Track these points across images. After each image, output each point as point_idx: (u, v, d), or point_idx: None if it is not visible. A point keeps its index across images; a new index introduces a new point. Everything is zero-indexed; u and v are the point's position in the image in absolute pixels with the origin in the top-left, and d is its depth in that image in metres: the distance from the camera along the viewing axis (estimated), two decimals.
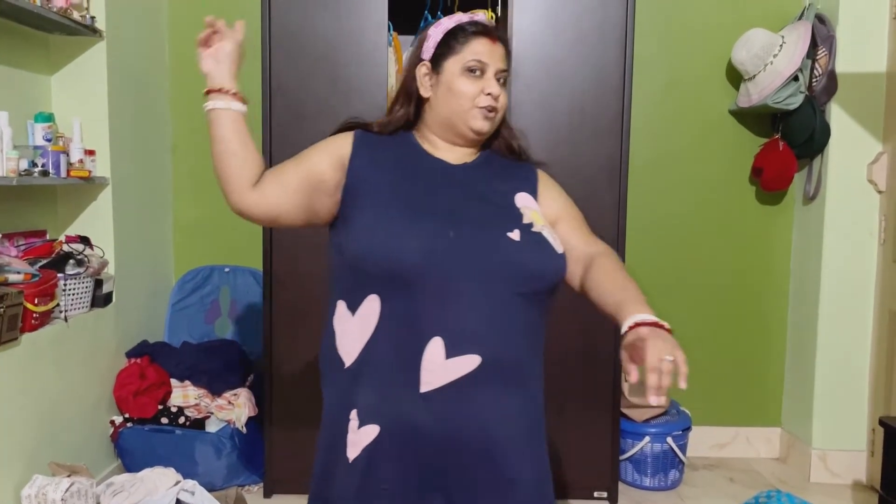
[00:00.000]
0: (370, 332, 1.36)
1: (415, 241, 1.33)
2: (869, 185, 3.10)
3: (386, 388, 1.35)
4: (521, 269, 1.36)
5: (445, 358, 1.31)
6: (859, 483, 3.18)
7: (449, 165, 1.49)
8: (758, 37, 3.08)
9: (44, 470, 2.41)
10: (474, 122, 1.45)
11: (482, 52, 1.44)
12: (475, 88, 1.43)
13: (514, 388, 1.38)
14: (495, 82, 1.45)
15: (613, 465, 2.89)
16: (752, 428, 3.49)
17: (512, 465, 1.37)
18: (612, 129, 2.77)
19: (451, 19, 1.49)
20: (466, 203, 1.43)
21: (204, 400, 2.93)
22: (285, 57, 2.76)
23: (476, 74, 1.44)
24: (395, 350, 1.34)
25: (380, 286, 1.36)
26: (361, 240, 1.36)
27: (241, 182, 1.39)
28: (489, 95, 1.44)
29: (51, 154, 2.55)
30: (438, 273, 1.32)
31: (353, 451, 1.37)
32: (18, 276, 2.33)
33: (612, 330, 2.81)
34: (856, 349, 3.16)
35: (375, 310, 1.36)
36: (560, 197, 1.59)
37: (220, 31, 1.44)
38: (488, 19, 1.51)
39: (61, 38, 2.78)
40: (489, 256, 1.35)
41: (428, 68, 1.49)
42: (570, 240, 1.52)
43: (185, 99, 3.36)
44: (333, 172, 1.45)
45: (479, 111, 1.44)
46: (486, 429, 1.35)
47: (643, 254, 3.35)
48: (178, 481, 2.60)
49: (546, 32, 2.75)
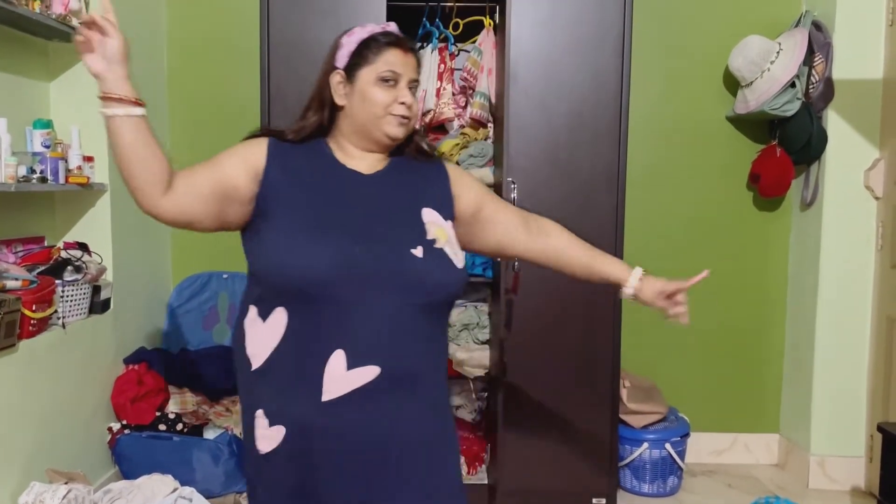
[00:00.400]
0: (277, 340, 1.41)
1: (320, 260, 1.37)
2: (866, 192, 3.11)
3: (288, 394, 1.40)
4: (422, 284, 1.42)
5: (346, 369, 1.37)
6: (858, 489, 3.17)
7: (360, 176, 1.51)
8: (755, 43, 3.09)
9: (41, 477, 2.40)
10: (389, 129, 1.49)
11: (395, 62, 1.48)
12: (389, 97, 1.47)
13: (413, 396, 1.43)
14: (408, 91, 1.49)
15: (612, 471, 2.88)
16: (751, 434, 3.49)
17: (409, 469, 1.43)
18: (610, 135, 2.78)
19: (365, 29, 1.52)
20: (374, 218, 1.47)
21: (202, 406, 2.92)
22: (284, 64, 2.76)
23: (389, 84, 1.48)
24: (298, 360, 1.40)
25: (287, 300, 1.40)
26: (270, 256, 1.40)
27: (152, 187, 1.39)
28: (403, 104, 1.48)
29: (49, 160, 2.56)
30: (342, 289, 1.37)
31: (264, 445, 1.43)
32: (16, 282, 2.33)
33: (611, 337, 2.83)
34: (854, 355, 3.16)
35: (282, 321, 1.41)
36: (475, 184, 1.65)
37: (101, 27, 1.33)
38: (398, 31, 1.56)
39: (60, 44, 2.78)
40: (392, 272, 1.41)
41: (342, 77, 1.51)
42: (498, 215, 1.65)
43: (183, 107, 3.37)
44: (247, 183, 1.45)
45: (394, 118, 1.48)
46: (384, 435, 1.41)
47: (641, 259, 3.29)
48: (176, 488, 2.59)
49: (544, 39, 2.76)
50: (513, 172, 2.75)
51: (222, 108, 3.35)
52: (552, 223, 1.72)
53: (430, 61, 3.04)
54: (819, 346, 3.17)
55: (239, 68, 3.32)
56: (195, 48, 3.35)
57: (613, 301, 2.82)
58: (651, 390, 3.19)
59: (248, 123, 3.18)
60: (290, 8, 2.74)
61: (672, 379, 3.41)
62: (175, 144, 3.38)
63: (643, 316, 3.40)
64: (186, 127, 3.37)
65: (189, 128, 3.37)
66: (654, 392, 3.20)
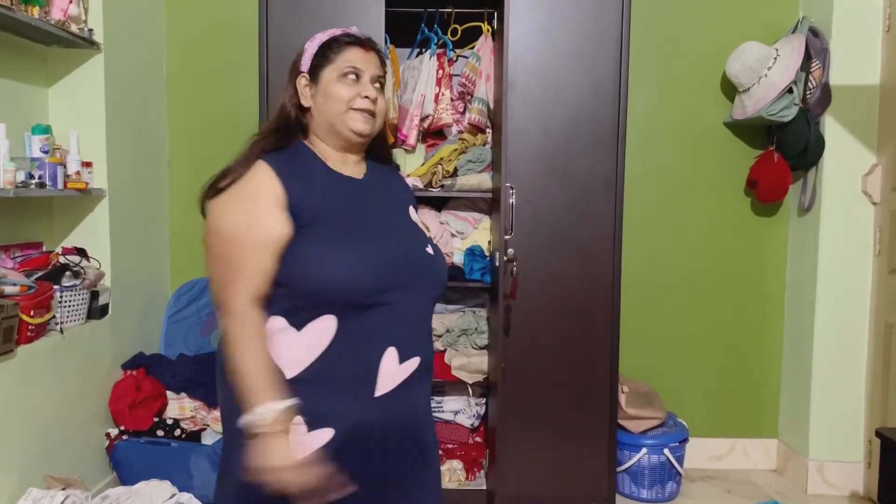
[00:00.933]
0: (323, 346, 1.44)
1: (369, 270, 1.43)
2: (863, 197, 3.12)
3: (337, 395, 1.44)
4: (438, 280, 1.57)
5: (399, 363, 1.47)
6: (856, 494, 3.17)
7: (356, 181, 1.56)
8: (752, 49, 3.10)
9: (39, 483, 2.40)
10: (354, 124, 1.51)
11: (356, 59, 1.52)
12: (351, 92, 1.51)
13: (429, 379, 1.60)
14: (370, 86, 1.52)
15: (610, 476, 2.88)
16: (750, 439, 3.49)
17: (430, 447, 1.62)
18: (607, 141, 2.78)
19: (326, 33, 1.57)
20: (386, 222, 1.55)
21: (200, 412, 2.92)
22: (282, 71, 2.75)
23: (352, 79, 1.51)
24: (351, 362, 1.44)
25: (336, 308, 1.43)
26: (315, 270, 1.41)
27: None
28: (366, 98, 1.51)
29: (48, 166, 2.56)
30: (389, 292, 1.45)
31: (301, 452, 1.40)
32: (14, 287, 2.33)
33: (609, 340, 2.83)
34: (852, 360, 3.16)
35: (331, 327, 1.43)
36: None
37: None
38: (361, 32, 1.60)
39: (59, 50, 2.79)
40: (419, 271, 1.52)
41: (307, 79, 1.55)
42: None
43: (182, 111, 3.37)
44: (285, 219, 1.43)
45: (358, 113, 1.51)
46: (418, 418, 1.57)
47: (638, 265, 3.36)
48: (174, 494, 2.59)
49: (542, 44, 2.77)
50: (511, 178, 2.75)
51: (221, 107, 3.36)
52: None
53: (429, 67, 3.05)
54: (817, 352, 3.17)
55: (237, 69, 3.32)
56: (194, 49, 3.35)
57: (611, 306, 2.82)
58: (650, 395, 3.19)
59: (246, 122, 3.21)
60: (288, 15, 2.74)
61: (670, 384, 3.41)
62: (173, 149, 3.39)
63: (642, 321, 3.41)
64: (184, 131, 3.37)
65: (187, 132, 3.37)
66: (653, 397, 3.20)
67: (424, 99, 3.05)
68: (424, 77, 3.04)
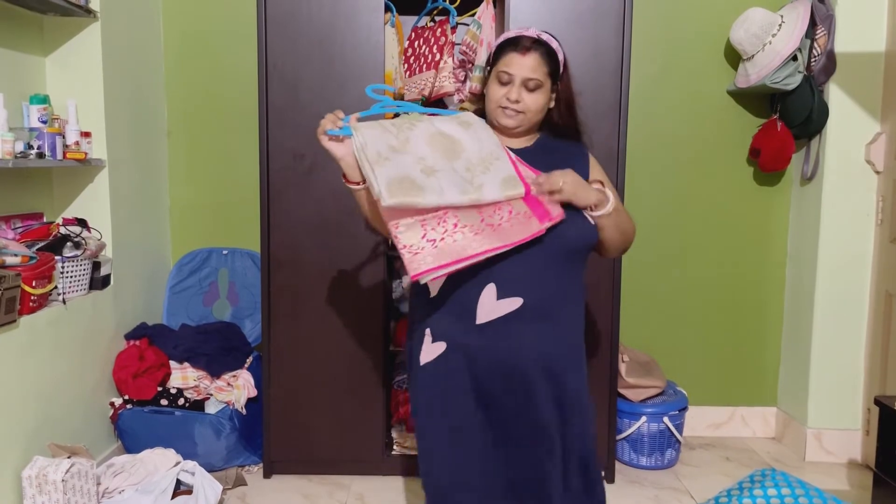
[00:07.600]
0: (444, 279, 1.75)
1: None
2: (867, 166, 3.10)
3: (451, 317, 1.77)
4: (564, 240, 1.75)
5: (497, 299, 1.72)
6: (854, 462, 3.20)
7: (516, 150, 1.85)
8: (756, 16, 3.06)
9: (44, 451, 2.42)
10: (499, 119, 1.85)
11: (511, 63, 1.81)
12: (500, 93, 1.83)
13: (548, 323, 1.78)
14: (518, 89, 1.81)
15: (610, 444, 2.91)
16: (748, 408, 3.52)
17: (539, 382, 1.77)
18: (609, 111, 2.76)
19: (504, 35, 1.87)
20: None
21: (203, 381, 2.94)
22: (282, 39, 2.74)
23: (505, 80, 1.82)
24: (460, 291, 1.75)
25: None
26: None
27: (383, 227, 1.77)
28: (509, 100, 1.82)
29: (46, 136, 2.54)
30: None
31: (425, 357, 1.81)
32: (16, 258, 2.33)
33: (610, 310, 2.83)
34: (852, 329, 3.18)
35: None
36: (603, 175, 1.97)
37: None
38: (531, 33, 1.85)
39: (55, 18, 2.75)
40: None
41: (487, 73, 1.90)
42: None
43: (180, 81, 3.34)
44: None
45: (502, 111, 1.83)
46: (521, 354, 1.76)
47: (640, 234, 3.29)
48: (178, 462, 2.62)
49: (543, 14, 2.73)
50: None
51: (219, 77, 3.32)
52: None
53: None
54: (817, 320, 3.18)
55: (236, 38, 3.28)
56: (192, 17, 3.31)
57: (612, 276, 2.82)
58: (649, 364, 3.21)
59: (245, 92, 3.18)
60: None
61: (670, 353, 3.43)
62: (171, 119, 3.36)
63: (642, 291, 3.42)
64: (182, 101, 3.34)
65: (185, 102, 3.34)
66: (653, 366, 3.21)
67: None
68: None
